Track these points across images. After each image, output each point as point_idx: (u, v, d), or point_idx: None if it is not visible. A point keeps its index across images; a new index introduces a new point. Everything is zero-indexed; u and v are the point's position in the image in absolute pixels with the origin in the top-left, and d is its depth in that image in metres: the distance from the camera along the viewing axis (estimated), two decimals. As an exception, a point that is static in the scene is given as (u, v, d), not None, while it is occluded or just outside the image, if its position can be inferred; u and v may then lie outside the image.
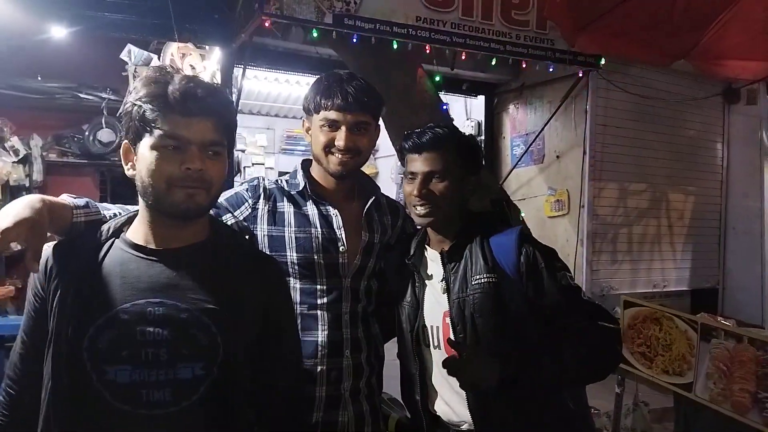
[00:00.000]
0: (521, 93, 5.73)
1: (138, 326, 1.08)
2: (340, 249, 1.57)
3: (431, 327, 1.52)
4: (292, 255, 1.54)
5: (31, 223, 1.08)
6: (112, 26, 3.50)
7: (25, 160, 5.03)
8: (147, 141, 1.10)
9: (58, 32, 3.68)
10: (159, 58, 4.06)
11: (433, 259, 1.57)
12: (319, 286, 1.55)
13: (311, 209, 1.59)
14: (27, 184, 5.05)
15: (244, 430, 1.21)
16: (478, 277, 1.44)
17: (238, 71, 4.26)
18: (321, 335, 1.53)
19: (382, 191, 1.77)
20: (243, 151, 7.28)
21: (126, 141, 1.16)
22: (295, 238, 1.55)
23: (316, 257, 1.55)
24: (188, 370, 1.09)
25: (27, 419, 1.15)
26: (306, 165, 1.68)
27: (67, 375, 1.07)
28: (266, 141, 7.53)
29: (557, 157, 5.42)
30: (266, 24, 3.39)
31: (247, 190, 1.59)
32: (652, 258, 5.55)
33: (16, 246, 1.11)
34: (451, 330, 1.45)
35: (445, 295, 1.49)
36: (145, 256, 1.15)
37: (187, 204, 1.11)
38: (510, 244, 1.44)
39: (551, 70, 4.45)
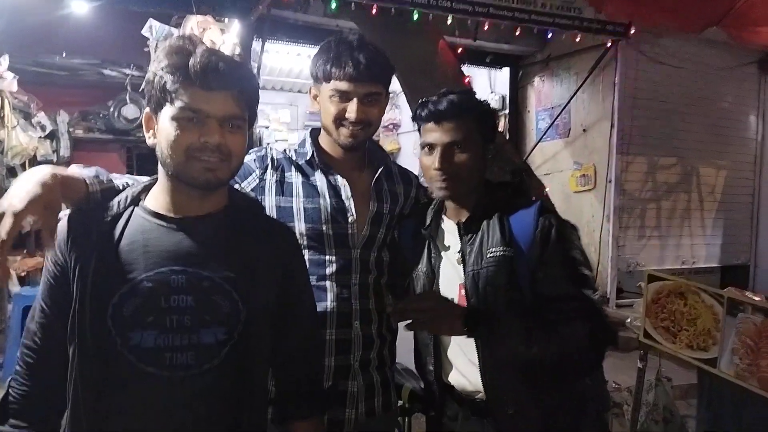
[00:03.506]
0: (547, 65, 5.59)
1: (162, 294, 1.11)
2: (349, 219, 1.55)
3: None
4: (300, 226, 1.52)
5: (45, 202, 1.07)
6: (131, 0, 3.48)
7: (52, 136, 5.13)
8: (167, 111, 1.12)
9: (80, 7, 3.70)
10: (180, 33, 4.06)
11: (449, 230, 1.52)
12: (327, 257, 1.53)
13: (319, 179, 1.56)
14: (54, 160, 5.15)
15: (262, 393, 1.24)
16: (493, 250, 1.39)
17: (257, 45, 4.24)
18: (330, 306, 1.52)
19: (392, 160, 1.73)
20: (267, 127, 7.30)
21: (148, 109, 1.17)
22: (304, 209, 1.53)
23: (324, 228, 1.52)
24: (211, 335, 1.12)
25: (48, 387, 1.17)
26: (315, 134, 1.64)
27: (92, 340, 1.10)
28: (289, 117, 7.54)
29: (584, 130, 5.30)
30: (285, -5, 3.34)
31: (254, 161, 1.57)
32: (681, 234, 5.43)
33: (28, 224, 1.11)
34: (466, 302, 1.42)
35: (461, 266, 1.45)
36: (166, 225, 1.16)
37: (206, 176, 1.12)
38: (528, 218, 1.38)
39: (578, 40, 4.31)
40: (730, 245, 5.71)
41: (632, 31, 4.31)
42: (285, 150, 1.61)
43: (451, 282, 1.47)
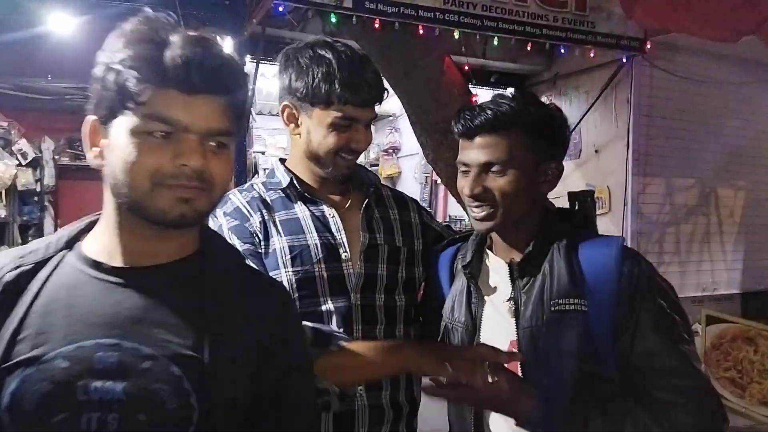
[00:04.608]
0: (554, 83, 5.37)
1: (81, 379, 0.77)
2: (343, 256, 1.27)
3: None
4: (286, 271, 1.23)
5: None
6: (114, 16, 3.24)
7: (36, 164, 4.85)
8: (125, 122, 0.80)
9: (63, 27, 3.47)
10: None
11: (497, 270, 1.22)
12: (323, 307, 1.23)
13: (301, 211, 1.28)
14: (37, 189, 4.86)
15: None
16: (561, 301, 1.08)
17: (252, 67, 4.00)
18: None
19: (382, 182, 1.47)
20: (263, 153, 7.09)
21: (93, 117, 0.85)
22: (289, 248, 1.24)
23: (316, 269, 1.24)
24: None
25: None
26: (284, 161, 1.39)
27: None
28: (286, 143, 7.31)
29: (596, 151, 5.06)
30: (280, 8, 3.10)
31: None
32: (701, 259, 5.15)
33: None
34: (519, 367, 1.11)
35: (514, 319, 1.15)
36: (104, 278, 0.83)
37: (181, 209, 0.81)
38: (608, 260, 1.08)
39: (592, 55, 4.09)
40: (751, 270, 5.43)
41: (648, 46, 4.09)
42: (252, 186, 1.33)
43: (497, 337, 1.15)
